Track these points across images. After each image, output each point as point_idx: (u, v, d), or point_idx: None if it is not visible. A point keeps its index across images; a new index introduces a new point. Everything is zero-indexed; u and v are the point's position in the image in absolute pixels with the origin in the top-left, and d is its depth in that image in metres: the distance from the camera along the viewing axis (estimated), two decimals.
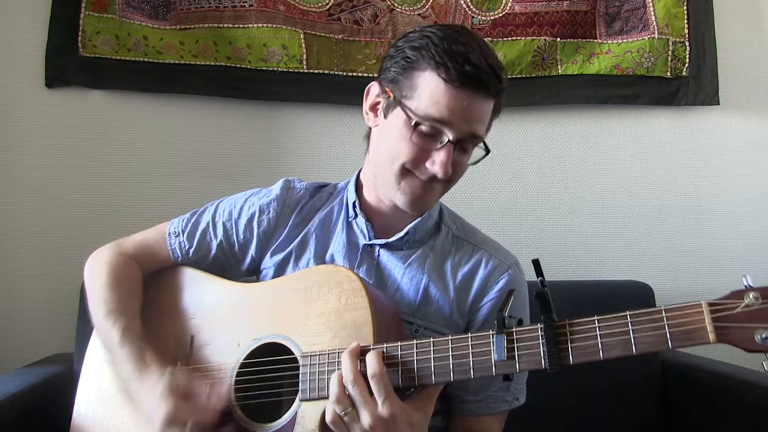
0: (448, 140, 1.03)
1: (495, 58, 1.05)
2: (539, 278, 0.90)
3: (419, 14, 1.98)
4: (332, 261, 1.16)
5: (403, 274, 1.14)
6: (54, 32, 1.87)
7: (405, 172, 1.06)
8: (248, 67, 1.93)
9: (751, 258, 2.07)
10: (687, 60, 2.04)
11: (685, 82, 2.05)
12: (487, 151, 1.10)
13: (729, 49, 2.08)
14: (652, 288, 1.82)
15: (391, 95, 1.07)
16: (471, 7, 1.99)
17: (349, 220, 1.18)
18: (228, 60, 1.93)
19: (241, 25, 1.92)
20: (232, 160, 1.95)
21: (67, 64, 1.88)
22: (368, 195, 1.17)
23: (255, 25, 1.92)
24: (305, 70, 1.93)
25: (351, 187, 1.20)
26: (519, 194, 2.04)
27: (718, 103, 2.05)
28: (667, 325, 0.82)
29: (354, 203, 1.16)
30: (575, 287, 1.84)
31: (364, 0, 1.95)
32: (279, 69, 1.93)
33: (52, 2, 1.87)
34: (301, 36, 1.94)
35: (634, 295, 1.82)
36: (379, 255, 1.16)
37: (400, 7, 1.96)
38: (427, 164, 1.04)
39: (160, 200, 1.90)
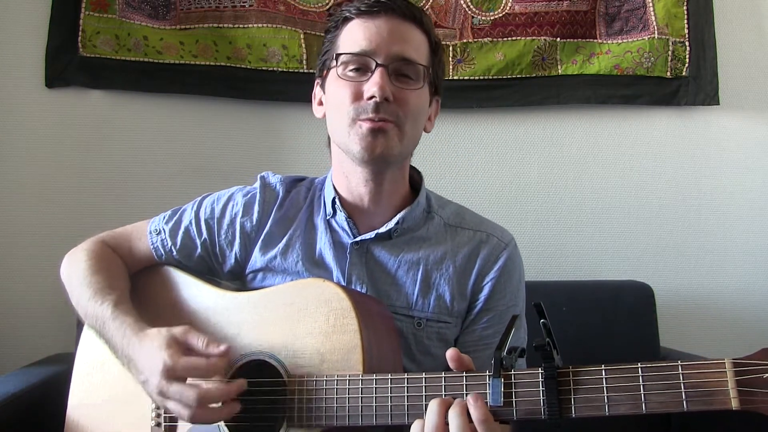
0: (377, 63, 1.04)
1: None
2: (542, 321, 0.83)
3: None
4: (322, 261, 1.12)
5: (398, 267, 1.11)
6: (54, 32, 1.87)
7: (352, 122, 1.05)
8: (248, 67, 1.93)
9: (751, 258, 2.07)
10: (687, 60, 2.04)
11: (685, 81, 2.05)
12: (426, 67, 1.09)
13: (729, 49, 2.08)
14: (652, 288, 1.82)
15: (324, 74, 1.13)
16: (471, 7, 1.99)
17: (328, 218, 1.14)
18: (228, 60, 1.93)
19: (241, 25, 1.92)
20: (232, 160, 1.95)
21: (67, 64, 1.88)
22: (343, 191, 1.13)
23: (255, 25, 1.92)
24: (305, 70, 1.93)
25: (329, 186, 1.16)
26: (519, 194, 2.04)
27: (718, 103, 2.05)
28: (684, 383, 0.74)
29: (334, 200, 1.13)
30: (575, 287, 1.84)
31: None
32: (279, 69, 1.93)
33: (52, 2, 1.87)
34: (301, 36, 1.94)
35: (634, 295, 1.82)
36: (369, 251, 1.12)
37: None
38: (365, 91, 1.04)
39: (160, 200, 1.87)
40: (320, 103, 1.16)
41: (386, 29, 1.06)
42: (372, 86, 1.03)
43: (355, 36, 1.07)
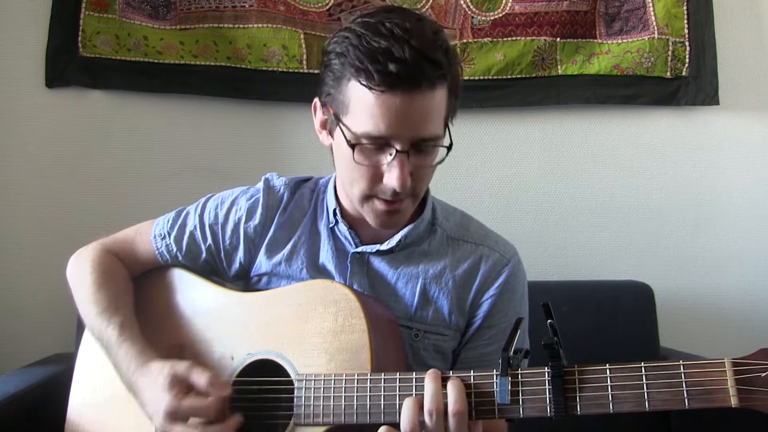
0: (397, 151, 0.94)
1: (427, 40, 0.91)
2: (549, 321, 0.85)
3: None
4: (324, 269, 1.12)
5: (397, 279, 1.11)
6: (54, 32, 1.87)
7: (366, 197, 1.00)
8: (248, 67, 1.93)
9: (751, 258, 2.07)
10: (687, 60, 2.04)
11: (685, 82, 2.05)
12: (449, 147, 1.00)
13: (729, 49, 2.08)
14: (652, 288, 1.82)
15: (330, 111, 1.00)
16: (471, 7, 1.99)
17: (331, 226, 1.13)
18: (228, 60, 1.93)
19: (241, 25, 1.92)
20: (231, 160, 1.95)
21: (67, 64, 1.88)
22: (346, 204, 1.12)
23: (255, 25, 1.92)
24: (305, 70, 1.93)
25: (330, 194, 1.14)
26: (519, 194, 2.04)
27: (718, 103, 2.05)
28: (685, 382, 0.76)
29: (335, 210, 1.11)
30: (575, 287, 1.84)
31: (364, 0, 1.95)
32: (279, 69, 1.93)
33: (52, 2, 1.87)
34: (301, 36, 1.94)
35: (634, 295, 1.82)
36: (368, 262, 1.12)
37: None
38: (385, 180, 0.96)
39: (160, 200, 1.87)
40: (323, 125, 1.07)
41: (409, 110, 0.92)
42: (394, 181, 0.94)
43: (371, 110, 0.92)
